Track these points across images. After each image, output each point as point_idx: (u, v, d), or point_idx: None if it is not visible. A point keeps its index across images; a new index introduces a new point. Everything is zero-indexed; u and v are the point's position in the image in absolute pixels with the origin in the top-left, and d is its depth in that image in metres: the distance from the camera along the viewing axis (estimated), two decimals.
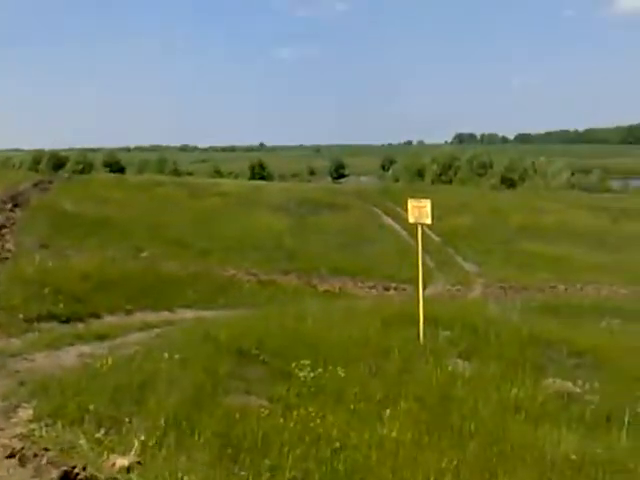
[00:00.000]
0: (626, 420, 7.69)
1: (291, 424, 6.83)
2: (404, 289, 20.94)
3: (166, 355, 8.41)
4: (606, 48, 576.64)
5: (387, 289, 21.92)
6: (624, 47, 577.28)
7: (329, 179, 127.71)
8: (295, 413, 7.14)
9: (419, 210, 11.62)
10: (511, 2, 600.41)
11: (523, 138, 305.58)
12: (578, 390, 9.61)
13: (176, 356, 8.40)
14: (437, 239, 31.04)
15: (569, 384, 9.79)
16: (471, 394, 8.61)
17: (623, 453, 6.88)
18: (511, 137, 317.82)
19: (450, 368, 9.83)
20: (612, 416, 8.22)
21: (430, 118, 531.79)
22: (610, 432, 7.63)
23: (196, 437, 6.28)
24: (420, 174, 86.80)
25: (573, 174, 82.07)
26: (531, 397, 8.79)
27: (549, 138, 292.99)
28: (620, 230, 38.88)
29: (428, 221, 11.61)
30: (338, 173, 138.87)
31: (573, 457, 6.63)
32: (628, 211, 48.54)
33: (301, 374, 8.49)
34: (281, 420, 6.92)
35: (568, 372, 10.55)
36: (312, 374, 8.49)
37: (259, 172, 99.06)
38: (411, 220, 11.82)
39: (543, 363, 10.91)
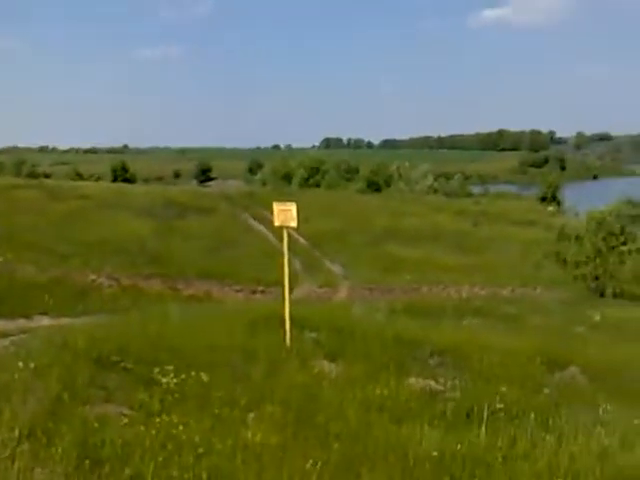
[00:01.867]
0: (485, 416, 7.87)
1: (153, 431, 6.61)
2: (271, 292, 20.93)
3: (21, 364, 8.00)
4: (469, 57, 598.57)
5: (254, 292, 21.84)
6: (485, 56, 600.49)
7: (195, 182, 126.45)
8: (157, 420, 6.92)
9: (285, 213, 11.56)
10: (372, 7, 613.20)
11: (388, 144, 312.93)
12: (440, 388, 9.80)
13: (32, 365, 8.00)
14: (304, 242, 31.22)
15: (432, 382, 9.98)
16: (337, 395, 8.62)
17: (482, 448, 7.03)
18: (377, 142, 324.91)
19: (316, 370, 9.81)
20: (472, 412, 8.40)
21: (298, 122, 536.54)
22: (470, 428, 7.78)
23: (53, 448, 5.98)
24: (288, 178, 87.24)
25: (436, 179, 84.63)
26: (395, 396, 8.87)
27: (413, 144, 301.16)
28: (480, 233, 40.36)
29: (294, 224, 11.58)
30: (204, 176, 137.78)
31: (434, 453, 6.72)
32: (487, 215, 50.52)
33: (164, 380, 8.26)
34: (142, 428, 6.69)
35: (431, 371, 10.76)
36: (175, 380, 8.27)
37: (122, 174, 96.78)
38: (277, 223, 11.75)
39: (407, 362, 11.07)
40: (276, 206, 11.63)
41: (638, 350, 14.60)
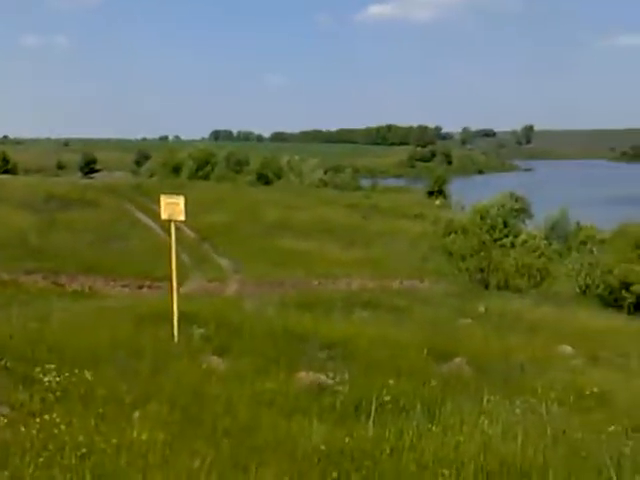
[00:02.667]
0: (373, 409, 7.92)
1: (34, 432, 6.37)
2: (159, 287, 20.56)
3: None
4: (358, 52, 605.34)
5: (141, 287, 21.43)
6: (372, 52, 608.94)
7: (79, 174, 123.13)
8: (38, 420, 6.67)
9: (172, 207, 11.38)
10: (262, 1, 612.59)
11: (278, 136, 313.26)
12: (329, 382, 9.82)
13: None
14: (193, 236, 30.84)
15: (321, 376, 9.98)
16: (225, 391, 8.53)
17: (370, 441, 7.08)
18: (267, 135, 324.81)
19: (204, 365, 9.70)
20: (360, 406, 8.45)
21: (186, 113, 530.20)
22: (358, 421, 7.83)
23: None
24: (176, 170, 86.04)
25: (326, 172, 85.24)
26: (284, 391, 8.85)
27: (303, 137, 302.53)
28: (370, 226, 40.87)
29: (182, 218, 11.41)
30: (89, 168, 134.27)
31: (322, 447, 6.73)
32: (377, 208, 51.23)
33: (45, 379, 7.97)
34: (22, 428, 6.43)
35: (320, 364, 10.78)
36: (58, 378, 8.00)
37: (2, 166, 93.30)
38: (164, 217, 11.55)
39: (297, 356, 11.06)
40: (163, 199, 11.43)
41: (520, 340, 15.07)
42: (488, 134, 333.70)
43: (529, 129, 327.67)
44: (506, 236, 31.38)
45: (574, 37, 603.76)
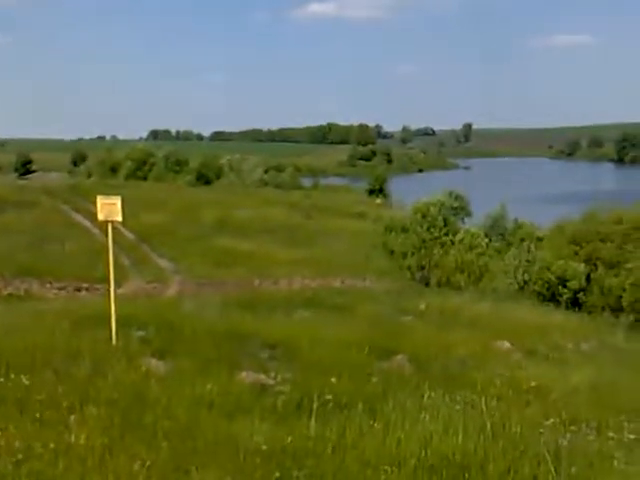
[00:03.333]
0: (315, 408, 7.93)
1: None
2: (97, 289, 20.25)
3: None
4: (296, 50, 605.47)
5: (79, 290, 21.06)
6: (313, 49, 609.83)
7: (15, 175, 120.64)
8: None
9: (109, 207, 11.23)
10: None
11: (218, 136, 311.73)
12: (271, 381, 9.81)
13: None
14: (132, 236, 30.46)
15: (262, 376, 9.97)
16: (165, 393, 8.45)
17: (312, 440, 7.08)
18: (206, 134, 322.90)
19: (144, 368, 9.57)
20: (302, 404, 8.46)
21: (123, 113, 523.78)
22: (301, 420, 7.83)
23: None
24: (114, 170, 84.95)
25: (266, 172, 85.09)
26: (225, 391, 8.81)
27: (243, 136, 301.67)
28: (311, 225, 40.93)
29: (119, 218, 11.27)
30: (25, 169, 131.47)
31: (264, 447, 6.72)
32: (318, 207, 51.32)
33: None
34: None
35: (262, 364, 10.76)
36: None
37: None
38: (101, 218, 11.38)
39: (238, 357, 11.02)
40: (100, 200, 11.27)
41: (460, 336, 15.23)
42: (428, 133, 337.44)
43: (468, 128, 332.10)
44: (446, 234, 31.65)
45: (511, 37, 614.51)
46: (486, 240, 30.76)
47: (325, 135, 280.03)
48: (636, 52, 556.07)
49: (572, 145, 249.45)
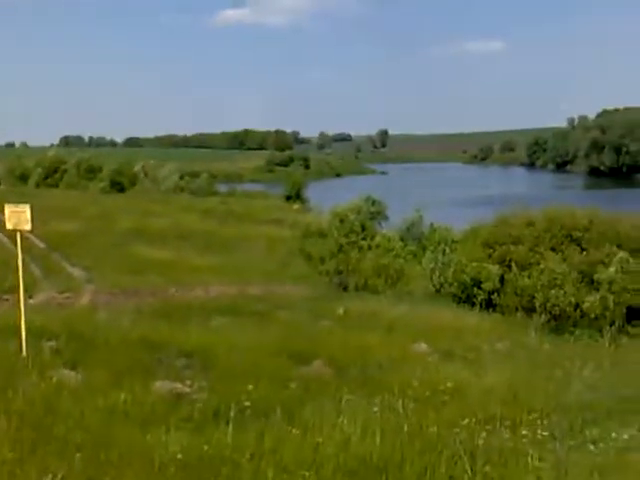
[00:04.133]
0: (232, 415, 7.85)
1: None
2: (6, 299, 19.57)
3: None
4: (212, 56, 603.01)
5: None
6: (228, 56, 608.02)
7: None
8: None
9: (18, 215, 10.95)
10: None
11: (132, 142, 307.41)
12: (187, 390, 9.70)
13: None
14: (43, 245, 29.67)
15: (178, 385, 9.85)
16: (77, 404, 8.26)
17: (229, 447, 7.01)
18: (120, 140, 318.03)
19: (55, 379, 9.33)
20: (219, 412, 8.38)
21: (34, 119, 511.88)
22: (218, 428, 7.74)
23: None
24: (24, 178, 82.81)
25: (182, 178, 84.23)
26: (140, 401, 8.66)
27: (158, 142, 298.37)
28: (228, 232, 40.64)
29: (28, 227, 11.01)
30: None
31: (180, 456, 6.62)
32: (234, 213, 51.05)
33: None
34: None
35: (178, 373, 10.63)
36: None
37: None
38: (9, 226, 11.09)
39: (153, 366, 10.87)
40: (7, 208, 10.99)
41: (378, 340, 15.35)
42: (345, 139, 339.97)
43: (384, 133, 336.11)
44: (364, 239, 31.86)
45: (426, 43, 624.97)
46: (402, 244, 31.11)
47: (242, 141, 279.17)
48: (545, 58, 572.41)
49: (485, 150, 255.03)
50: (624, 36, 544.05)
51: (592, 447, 8.29)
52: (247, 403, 8.54)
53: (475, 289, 23.34)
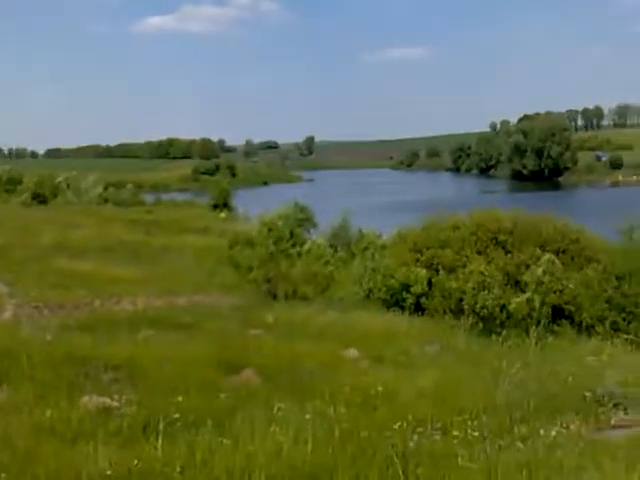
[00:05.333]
0: (161, 428, 7.73)
1: None
2: None
3: None
4: (135, 64, 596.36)
5: None
6: (152, 63, 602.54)
7: None
8: None
9: None
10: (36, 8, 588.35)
11: (54, 153, 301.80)
12: (115, 404, 9.52)
13: None
14: None
15: (106, 399, 9.66)
16: (1, 422, 8.01)
17: (159, 461, 6.90)
18: (41, 152, 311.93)
19: None
20: (149, 426, 8.25)
21: None
22: (147, 442, 7.62)
23: None
24: None
25: (106, 188, 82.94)
26: (66, 417, 8.46)
27: (81, 153, 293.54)
28: (154, 242, 40.16)
29: None
30: None
31: (109, 472, 6.50)
32: (160, 223, 50.49)
33: None
34: None
35: (105, 387, 10.42)
36: None
37: None
38: None
39: (80, 381, 10.63)
40: None
41: (308, 348, 15.34)
42: (271, 146, 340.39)
43: (310, 141, 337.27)
44: (293, 246, 31.87)
45: (350, 50, 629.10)
46: (331, 250, 31.20)
47: (167, 150, 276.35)
48: (469, 65, 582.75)
49: (411, 156, 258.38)
50: (544, 42, 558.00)
51: (521, 445, 8.41)
52: (177, 415, 8.43)
53: (404, 293, 23.55)
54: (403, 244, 26.45)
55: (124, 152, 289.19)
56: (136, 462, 6.83)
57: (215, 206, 75.33)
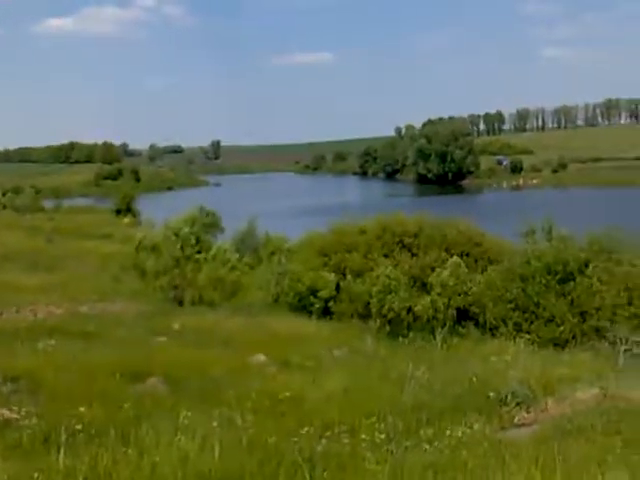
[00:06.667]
0: (63, 440, 7.51)
1: None
2: None
3: None
4: (34, 66, 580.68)
5: None
6: (54, 65, 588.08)
7: None
8: None
9: None
10: None
11: None
12: (15, 416, 9.21)
13: None
14: None
15: (5, 411, 9.35)
16: None
17: (61, 474, 6.72)
18: None
19: None
20: (50, 438, 8.00)
21: None
22: (49, 454, 7.38)
23: None
24: None
25: (4, 194, 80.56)
26: None
27: None
28: (55, 249, 39.18)
29: None
30: None
31: None
32: (62, 230, 49.27)
33: None
34: None
35: (4, 399, 10.07)
36: None
37: None
38: None
39: None
40: None
41: (214, 354, 15.20)
42: (177, 150, 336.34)
43: (217, 145, 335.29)
44: (199, 251, 31.53)
45: (256, 54, 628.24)
46: (238, 255, 31.00)
47: (68, 154, 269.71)
48: (375, 71, 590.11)
49: (318, 160, 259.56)
50: (446, 49, 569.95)
51: (427, 446, 8.51)
52: (79, 426, 8.21)
53: (312, 298, 23.61)
54: (310, 248, 26.53)
55: (23, 156, 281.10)
56: (37, 475, 6.63)
57: (118, 211, 74.00)
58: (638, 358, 15.96)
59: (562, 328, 19.34)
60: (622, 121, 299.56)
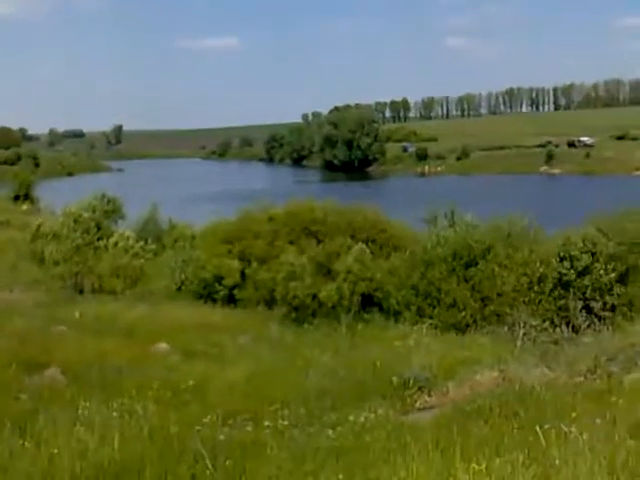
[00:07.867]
0: None
1: None
2: None
3: None
4: None
5: None
6: None
7: None
8: None
9: None
10: None
11: None
12: None
13: None
14: None
15: None
16: None
17: None
18: None
19: None
20: None
21: None
22: None
23: None
24: None
25: None
26: None
27: None
28: None
29: None
30: None
31: None
32: None
33: None
34: None
35: None
36: None
37: None
38: None
39: None
40: None
41: (117, 343, 14.95)
42: (77, 135, 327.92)
43: (118, 129, 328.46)
44: (100, 238, 30.89)
45: (160, 38, 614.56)
46: (141, 243, 30.53)
47: None
48: (283, 57, 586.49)
49: (223, 145, 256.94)
50: (352, 36, 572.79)
51: (331, 432, 8.58)
52: None
53: (216, 285, 23.44)
54: (215, 236, 26.28)
55: None
56: None
57: (16, 197, 71.54)
58: (535, 342, 16.46)
59: (464, 313, 19.73)
60: (524, 109, 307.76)
